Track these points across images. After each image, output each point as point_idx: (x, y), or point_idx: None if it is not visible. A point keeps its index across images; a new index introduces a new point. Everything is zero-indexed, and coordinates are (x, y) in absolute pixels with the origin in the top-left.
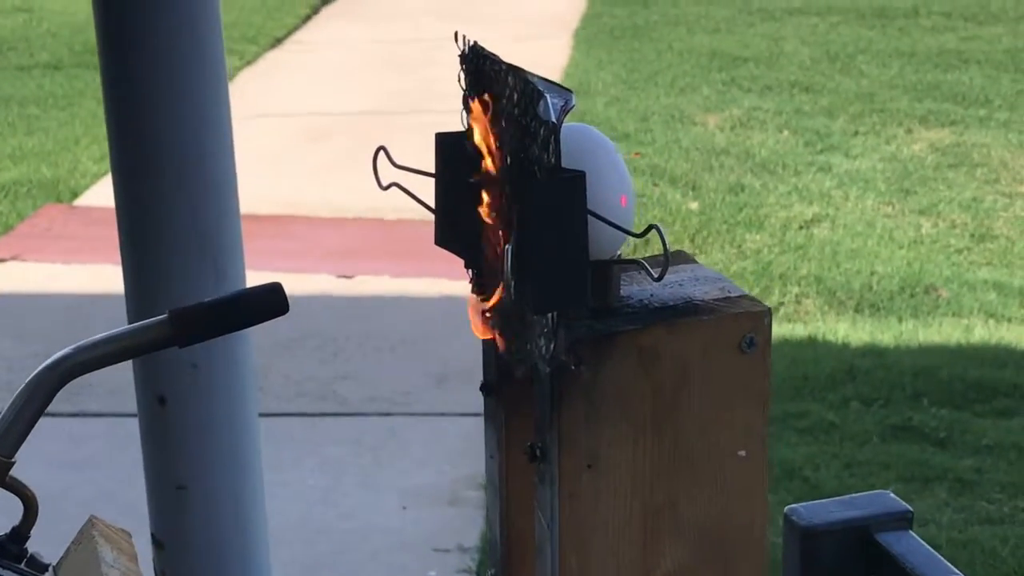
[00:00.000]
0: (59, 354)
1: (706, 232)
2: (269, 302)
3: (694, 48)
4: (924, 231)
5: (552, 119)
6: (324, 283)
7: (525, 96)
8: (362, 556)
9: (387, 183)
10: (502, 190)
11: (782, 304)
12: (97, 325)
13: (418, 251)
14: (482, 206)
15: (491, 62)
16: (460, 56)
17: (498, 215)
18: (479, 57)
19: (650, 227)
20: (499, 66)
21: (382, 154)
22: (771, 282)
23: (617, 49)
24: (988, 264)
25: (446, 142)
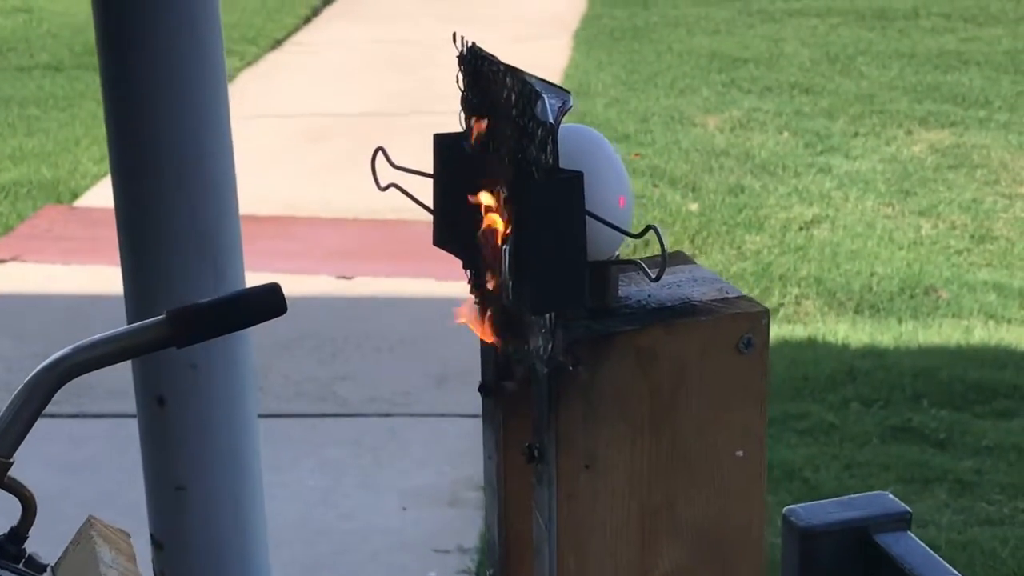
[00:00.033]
0: (57, 354)
1: (706, 233)
2: (267, 302)
3: (694, 49)
4: (924, 232)
5: (550, 120)
6: (324, 284)
7: (523, 97)
8: (362, 557)
9: (386, 184)
10: (500, 191)
11: (782, 305)
12: (97, 326)
13: (418, 252)
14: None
15: (489, 63)
16: (458, 57)
17: (496, 216)
18: (477, 58)
19: (648, 228)
20: (497, 67)
21: (381, 155)
22: (771, 283)
23: (617, 50)
24: (988, 265)
25: (444, 143)
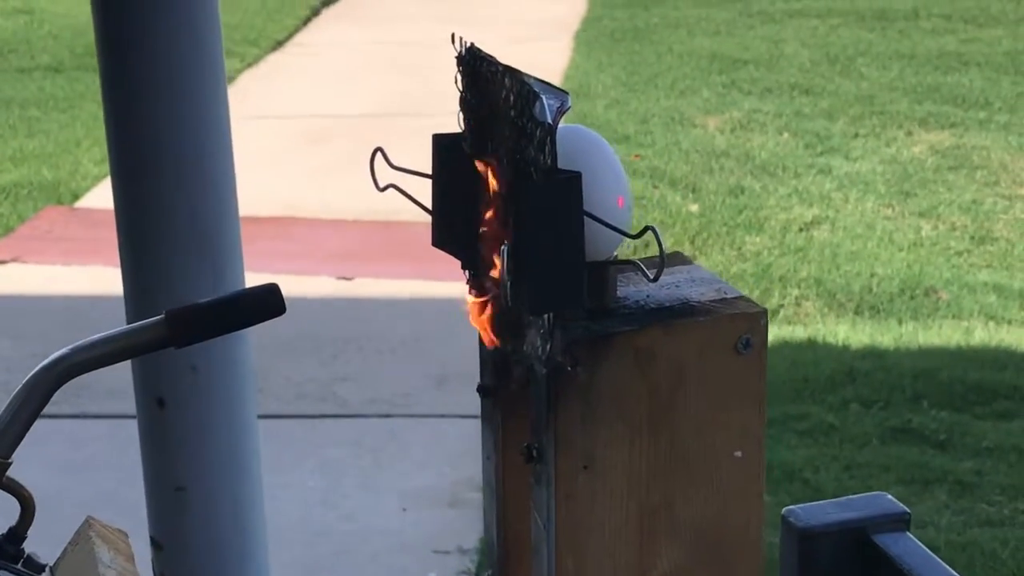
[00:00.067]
0: (56, 355)
1: (706, 234)
2: (266, 303)
3: (694, 51)
4: (924, 233)
5: (548, 120)
6: (324, 285)
7: (521, 97)
8: (362, 558)
9: (385, 184)
10: (499, 191)
11: (782, 306)
12: (97, 327)
13: (418, 253)
14: (479, 207)
15: (487, 64)
16: (457, 58)
17: (495, 216)
18: (476, 59)
19: (646, 228)
20: (495, 68)
21: (379, 155)
22: (771, 284)
23: (617, 52)
24: (988, 266)
25: (443, 143)
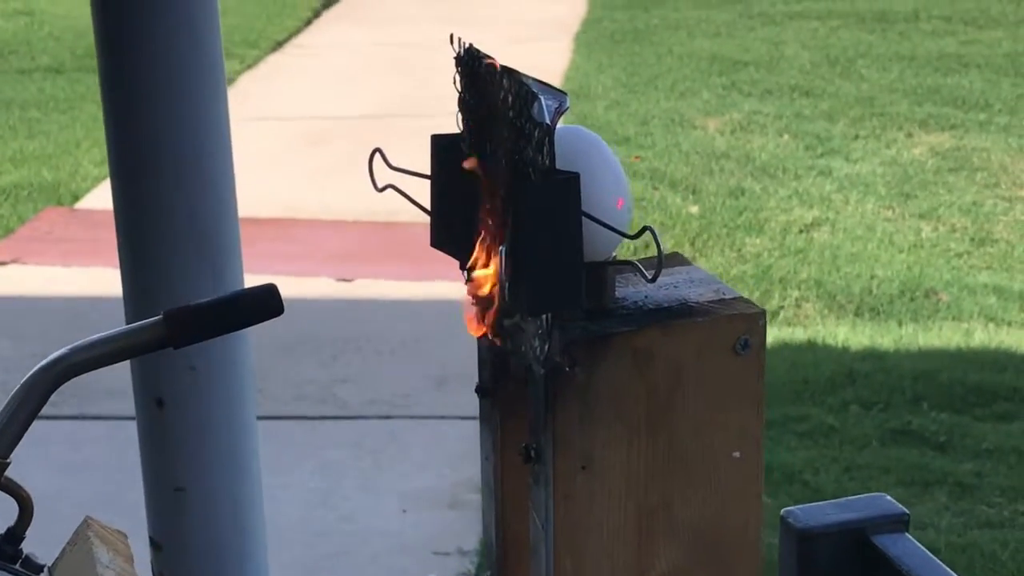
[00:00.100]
0: (54, 355)
1: (706, 236)
2: (264, 303)
3: (694, 52)
4: (924, 235)
5: (546, 121)
6: (324, 286)
7: (519, 98)
8: (362, 559)
9: (383, 185)
10: (497, 192)
11: (782, 308)
12: (97, 328)
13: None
14: (477, 208)
15: (486, 64)
16: (455, 58)
17: (493, 217)
18: (474, 59)
19: (644, 229)
20: (494, 68)
21: (378, 156)
22: (771, 286)
23: (617, 53)
24: (988, 268)
25: (441, 144)
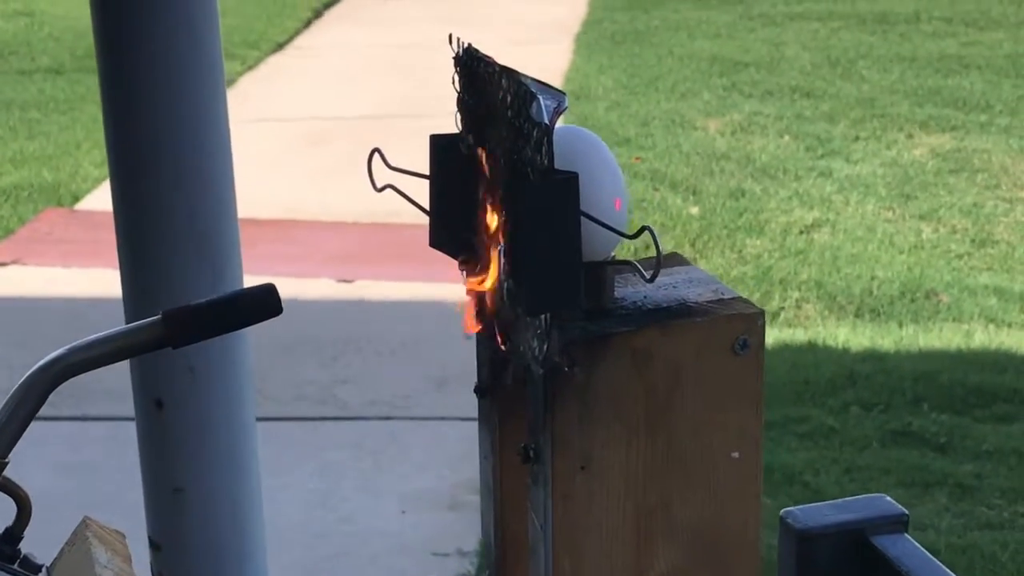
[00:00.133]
0: (52, 355)
1: (707, 237)
2: (263, 303)
3: (695, 53)
4: (925, 236)
5: (545, 121)
6: (324, 287)
7: (518, 98)
8: (361, 560)
9: (382, 185)
10: (496, 192)
11: (782, 309)
12: (97, 328)
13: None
14: (476, 208)
15: (484, 64)
16: (454, 59)
17: (492, 217)
18: (473, 59)
19: (642, 228)
20: (492, 68)
21: (377, 156)
22: (771, 287)
23: (618, 54)
24: (988, 269)
25: (440, 144)
